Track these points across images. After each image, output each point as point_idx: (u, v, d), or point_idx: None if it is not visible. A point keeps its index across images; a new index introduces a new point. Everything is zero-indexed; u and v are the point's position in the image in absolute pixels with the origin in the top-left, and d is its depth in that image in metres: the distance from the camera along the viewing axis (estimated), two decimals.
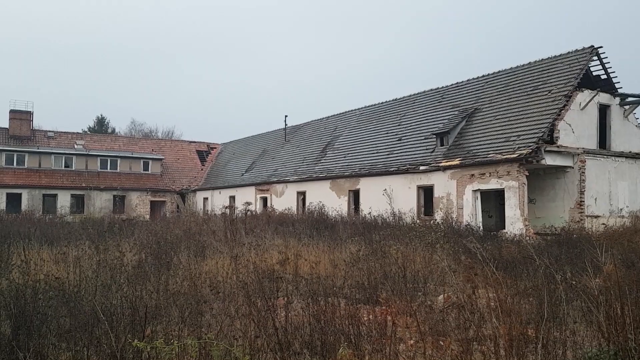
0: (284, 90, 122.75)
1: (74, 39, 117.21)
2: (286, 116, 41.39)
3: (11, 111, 42.37)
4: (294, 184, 33.28)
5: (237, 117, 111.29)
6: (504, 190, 20.49)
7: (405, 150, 26.77)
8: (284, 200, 33.44)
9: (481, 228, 20.19)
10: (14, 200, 37.24)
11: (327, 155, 33.05)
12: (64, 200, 39.28)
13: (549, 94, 21.60)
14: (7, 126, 42.46)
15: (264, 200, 36.25)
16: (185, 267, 10.60)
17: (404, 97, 31.64)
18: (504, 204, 20.78)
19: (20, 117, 42.56)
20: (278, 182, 34.85)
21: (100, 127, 70.38)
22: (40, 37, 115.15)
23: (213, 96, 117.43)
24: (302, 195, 32.55)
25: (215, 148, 52.70)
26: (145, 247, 13.15)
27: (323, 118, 39.10)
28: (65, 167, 41.32)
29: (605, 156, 21.81)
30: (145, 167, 45.22)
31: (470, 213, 21.46)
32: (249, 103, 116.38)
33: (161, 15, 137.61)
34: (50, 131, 45.70)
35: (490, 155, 21.14)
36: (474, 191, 21.67)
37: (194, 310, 6.67)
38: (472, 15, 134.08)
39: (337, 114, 37.62)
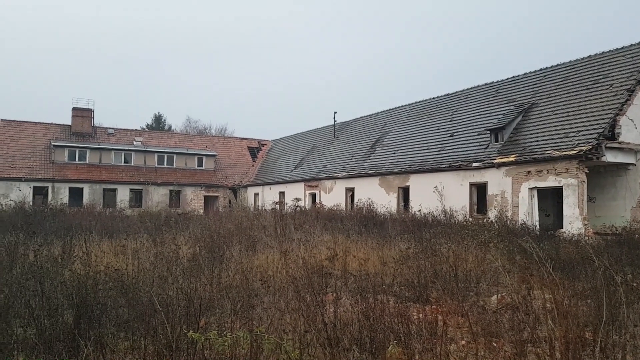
0: (333, 87, 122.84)
1: (133, 41, 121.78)
2: (335, 112, 41.49)
3: (73, 109, 44.52)
4: (342, 180, 33.31)
5: (287, 113, 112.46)
6: (562, 188, 19.74)
7: (457, 146, 26.23)
8: (332, 197, 33.53)
9: (538, 227, 19.53)
10: (76, 194, 39.15)
11: (376, 152, 32.85)
12: (123, 195, 40.95)
13: (610, 88, 20.59)
14: (69, 123, 44.65)
15: (313, 196, 36.47)
16: (237, 261, 10.84)
17: (456, 92, 30.99)
18: (562, 203, 20.01)
19: (82, 114, 44.66)
20: (327, 178, 34.96)
21: (158, 124, 72.89)
22: (101, 39, 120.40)
23: (264, 93, 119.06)
24: (350, 191, 32.53)
25: (265, 144, 53.46)
26: (199, 240, 13.54)
27: (372, 114, 38.88)
28: (124, 162, 43.05)
29: None
30: (200, 163, 46.49)
31: (526, 211, 20.80)
32: (299, 100, 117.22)
33: (216, 18, 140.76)
34: (110, 128, 47.69)
35: (547, 152, 20.40)
36: (531, 189, 20.98)
37: (245, 304, 6.82)
38: (529, 8, 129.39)
39: (386, 110, 37.32)
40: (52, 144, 40.69)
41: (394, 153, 30.81)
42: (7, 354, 5.26)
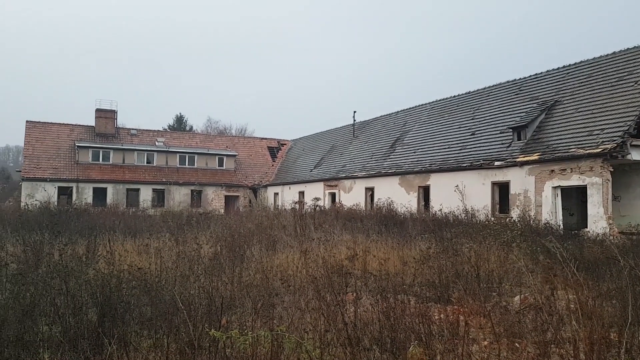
0: (352, 87, 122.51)
1: (156, 45, 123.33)
2: (355, 112, 41.41)
3: (97, 110, 45.26)
4: (362, 180, 33.22)
5: (307, 113, 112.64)
6: (586, 187, 19.39)
7: (479, 144, 25.94)
8: (352, 196, 33.47)
9: (561, 227, 19.21)
10: (100, 194, 39.81)
11: (396, 151, 32.68)
12: (145, 195, 41.49)
13: (635, 85, 20.13)
14: (93, 124, 45.41)
15: (332, 195, 36.45)
16: (258, 260, 10.90)
17: (478, 90, 30.64)
18: (586, 202, 19.66)
19: (105, 115, 45.38)
20: (346, 177, 34.91)
21: (179, 124, 73.67)
22: (124, 42, 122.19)
23: (283, 93, 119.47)
24: (370, 191, 32.42)
25: (285, 144, 53.62)
26: (220, 240, 13.64)
27: (392, 113, 38.67)
28: (147, 163, 43.63)
29: None
30: (220, 163, 46.87)
31: (550, 211, 20.47)
32: (319, 100, 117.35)
33: (236, 20, 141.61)
34: (133, 129, 48.37)
35: (571, 150, 20.05)
36: (554, 188, 20.65)
37: (266, 303, 6.85)
38: (552, 7, 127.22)
39: (406, 109, 37.07)
40: (77, 144, 41.44)
41: (414, 152, 30.61)
42: (33, 351, 5.36)
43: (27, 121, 42.84)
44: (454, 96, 32.52)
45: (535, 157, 21.49)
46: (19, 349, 5.34)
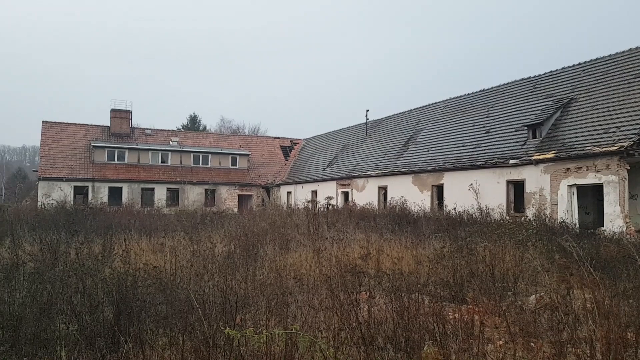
0: (364, 86, 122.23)
1: (168, 44, 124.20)
2: (367, 110, 41.28)
3: (112, 110, 45.72)
4: (375, 179, 33.14)
5: (319, 112, 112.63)
6: (602, 185, 19.14)
7: (493, 143, 25.73)
8: (365, 195, 33.40)
9: (577, 225, 18.99)
10: (115, 194, 40.21)
11: (409, 150, 32.54)
12: (160, 194, 41.84)
13: None
14: (108, 124, 45.86)
15: (345, 194, 36.41)
16: (271, 259, 10.93)
17: (492, 88, 30.39)
18: (602, 200, 19.40)
19: (121, 115, 45.82)
20: (359, 176, 34.85)
21: (193, 124, 74.14)
22: (139, 43, 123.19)
23: (295, 93, 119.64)
24: (383, 189, 32.33)
25: (298, 143, 53.69)
26: (234, 239, 13.71)
27: (405, 111, 38.51)
28: (161, 162, 43.97)
29: None
30: (234, 163, 47.08)
31: (566, 209, 20.24)
32: (331, 98, 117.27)
33: (251, 22, 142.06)
34: (147, 129, 48.78)
35: (587, 148, 19.80)
36: (570, 186, 20.41)
37: (279, 301, 6.87)
38: (568, 3, 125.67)
39: (419, 107, 36.89)
40: (92, 144, 41.90)
41: (428, 151, 30.45)
42: (51, 349, 5.44)
43: (43, 121, 43.40)
44: (468, 94, 32.29)
45: (550, 155, 21.26)
46: (36, 347, 5.42)
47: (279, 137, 54.55)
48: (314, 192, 39.84)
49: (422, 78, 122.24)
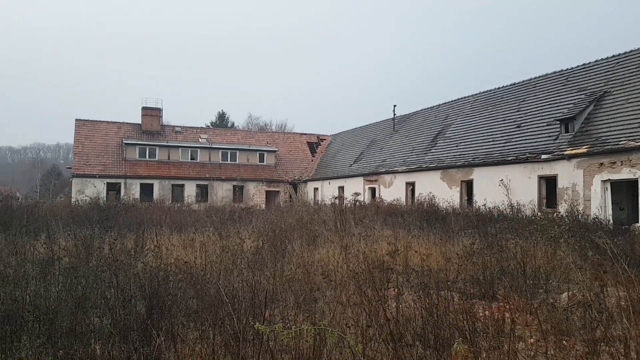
0: (392, 82, 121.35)
1: (197, 45, 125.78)
2: (395, 106, 40.98)
3: (143, 108, 46.55)
4: (402, 175, 32.90)
5: (346, 108, 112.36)
6: (637, 181, 18.57)
7: (524, 137, 25.22)
8: (392, 191, 33.20)
9: (611, 222, 18.47)
10: (147, 190, 40.99)
11: (437, 145, 32.18)
12: (190, 190, 42.48)
13: None
14: (139, 122, 46.74)
15: (372, 190, 36.27)
16: (299, 255, 10.97)
17: (523, 82, 29.77)
18: (637, 196, 18.84)
19: (151, 113, 46.63)
20: (386, 172, 34.65)
21: (221, 121, 74.93)
22: (170, 45, 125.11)
23: (323, 88, 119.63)
24: (411, 185, 32.08)
25: (324, 139, 53.70)
26: (262, 234, 13.81)
27: (433, 106, 38.07)
28: (191, 159, 44.62)
29: None
30: (261, 159, 47.43)
31: (599, 205, 19.73)
32: (358, 94, 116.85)
33: (277, 20, 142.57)
34: (177, 126, 49.53)
35: (621, 143, 19.23)
36: (603, 181, 19.88)
37: (307, 297, 6.89)
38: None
39: (448, 102, 36.42)
40: (124, 142, 42.76)
41: (457, 146, 30.06)
42: (85, 342, 5.57)
43: (76, 119, 44.49)
44: (498, 88, 31.72)
45: (583, 149, 20.73)
46: (71, 340, 5.55)
47: (305, 134, 54.67)
48: (341, 188, 39.81)
49: (450, 72, 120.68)
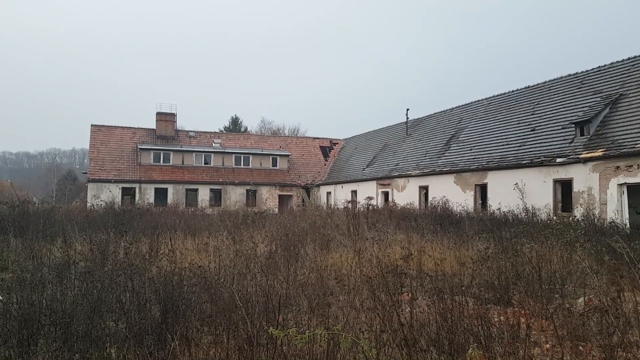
0: (403, 86, 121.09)
1: (210, 52, 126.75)
2: (408, 109, 41.01)
3: (157, 113, 46.98)
4: (415, 178, 32.77)
5: (358, 112, 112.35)
6: None
7: (539, 141, 25.00)
8: (405, 195, 33.08)
9: (628, 226, 18.20)
10: (161, 194, 41.33)
11: (451, 148, 32.01)
12: (204, 194, 42.73)
13: None
14: (154, 127, 47.16)
15: (385, 194, 36.16)
16: (312, 259, 10.97)
17: (537, 85, 29.50)
18: None
19: (165, 118, 47.04)
20: (399, 176, 34.54)
21: (235, 126, 75.35)
22: (184, 50, 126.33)
23: (335, 93, 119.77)
24: (424, 189, 31.93)
25: (337, 143, 53.71)
26: (275, 239, 13.83)
27: (447, 110, 37.90)
28: (204, 163, 44.93)
29: None
30: (274, 163, 47.58)
31: (615, 209, 19.45)
32: (370, 98, 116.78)
33: (290, 24, 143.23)
34: (191, 131, 49.90)
35: (638, 146, 18.97)
36: (620, 185, 19.60)
37: (321, 301, 6.88)
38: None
39: (461, 105, 36.23)
40: (139, 147, 43.20)
41: (471, 149, 29.88)
42: (101, 345, 5.62)
43: (92, 125, 45.04)
44: (512, 91, 31.49)
45: (599, 153, 20.48)
46: (87, 344, 5.61)
47: (318, 138, 54.73)
48: (354, 192, 39.75)
49: (463, 76, 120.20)
